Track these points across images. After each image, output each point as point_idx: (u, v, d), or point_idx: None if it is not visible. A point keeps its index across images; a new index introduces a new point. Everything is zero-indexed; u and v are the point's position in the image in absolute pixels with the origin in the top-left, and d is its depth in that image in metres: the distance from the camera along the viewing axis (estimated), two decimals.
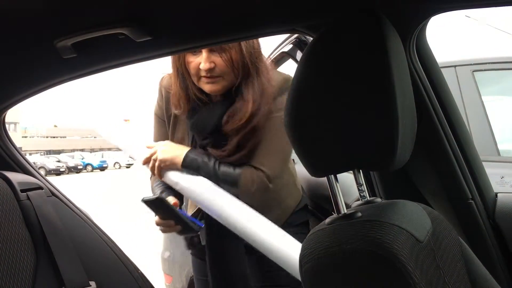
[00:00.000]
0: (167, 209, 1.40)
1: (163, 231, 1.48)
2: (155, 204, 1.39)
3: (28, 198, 1.27)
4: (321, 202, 1.70)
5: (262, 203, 1.38)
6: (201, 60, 1.34)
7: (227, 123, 1.38)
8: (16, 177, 1.30)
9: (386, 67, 0.70)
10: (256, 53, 1.39)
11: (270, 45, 1.93)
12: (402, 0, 0.95)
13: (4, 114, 1.45)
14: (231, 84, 1.38)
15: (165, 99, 1.52)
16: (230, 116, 1.38)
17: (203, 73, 1.35)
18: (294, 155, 2.19)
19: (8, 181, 1.26)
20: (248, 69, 1.36)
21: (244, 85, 1.37)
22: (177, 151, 1.42)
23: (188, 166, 1.39)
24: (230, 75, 1.36)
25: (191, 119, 1.45)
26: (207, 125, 1.42)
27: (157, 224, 1.45)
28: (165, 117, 1.53)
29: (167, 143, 1.47)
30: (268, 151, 1.40)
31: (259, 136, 1.40)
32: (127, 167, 33.98)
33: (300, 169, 1.58)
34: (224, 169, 1.39)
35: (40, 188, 1.35)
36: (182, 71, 1.41)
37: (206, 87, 1.38)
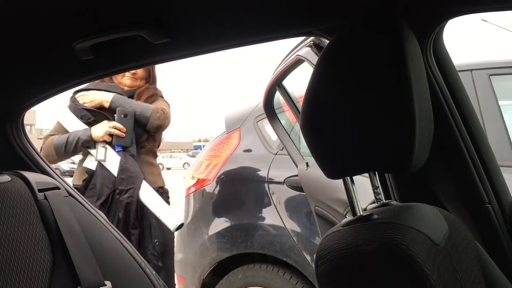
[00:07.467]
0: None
1: (113, 131, 2.33)
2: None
3: (46, 198, 1.28)
4: (333, 205, 1.70)
5: None
6: None
7: None
8: (34, 177, 1.31)
9: (404, 70, 0.70)
10: None
11: (283, 49, 1.93)
12: (420, 3, 0.95)
13: (22, 115, 1.46)
14: None
15: None
16: None
17: None
18: (308, 158, 2.19)
19: (26, 180, 1.27)
20: None
21: None
22: None
23: None
24: None
25: None
26: None
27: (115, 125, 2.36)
28: None
29: None
30: None
31: None
32: None
33: (313, 172, 1.57)
34: None
35: (57, 188, 1.36)
36: None
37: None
